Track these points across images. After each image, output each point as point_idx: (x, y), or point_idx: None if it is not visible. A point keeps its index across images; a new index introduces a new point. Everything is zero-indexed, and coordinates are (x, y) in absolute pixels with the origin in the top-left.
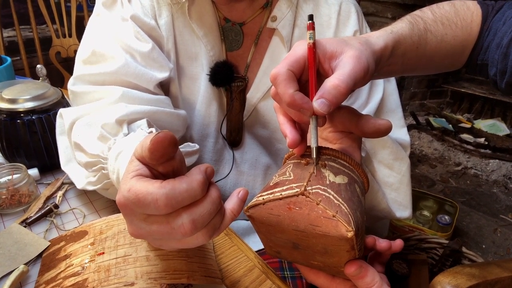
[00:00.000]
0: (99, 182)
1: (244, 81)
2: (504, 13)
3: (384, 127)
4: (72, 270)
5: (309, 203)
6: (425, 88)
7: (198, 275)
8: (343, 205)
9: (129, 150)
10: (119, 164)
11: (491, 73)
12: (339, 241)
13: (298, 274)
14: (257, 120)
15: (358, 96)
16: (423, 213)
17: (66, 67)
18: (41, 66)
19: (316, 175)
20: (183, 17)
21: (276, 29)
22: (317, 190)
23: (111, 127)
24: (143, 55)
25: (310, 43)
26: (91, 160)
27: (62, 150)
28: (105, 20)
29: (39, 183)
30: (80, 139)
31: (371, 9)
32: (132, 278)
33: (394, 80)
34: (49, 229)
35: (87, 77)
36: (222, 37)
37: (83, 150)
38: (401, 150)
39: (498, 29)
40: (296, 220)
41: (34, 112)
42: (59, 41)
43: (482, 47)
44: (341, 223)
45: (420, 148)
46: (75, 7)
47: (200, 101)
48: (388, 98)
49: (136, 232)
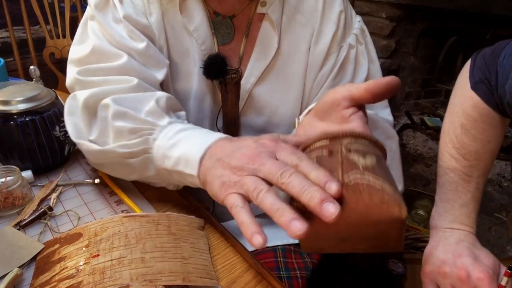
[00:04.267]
0: (137, 146)
1: (238, 73)
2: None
3: (395, 81)
4: (66, 272)
5: (353, 195)
6: (419, 87)
7: (193, 276)
8: (385, 187)
9: (189, 133)
10: (178, 152)
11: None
12: (393, 224)
13: (294, 274)
14: (252, 107)
15: (342, 76)
16: (418, 212)
17: (60, 68)
18: (35, 67)
19: (346, 163)
20: (173, 13)
21: (266, 14)
22: (355, 180)
23: (163, 104)
24: (140, 53)
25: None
26: (138, 126)
27: (72, 128)
28: (99, 22)
29: (33, 186)
30: (126, 109)
31: (366, 9)
32: (127, 280)
33: (378, 62)
34: (43, 231)
35: (94, 72)
36: (213, 31)
37: (130, 117)
38: (390, 128)
39: (505, 71)
40: (345, 215)
41: (28, 113)
42: (53, 42)
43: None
44: (392, 206)
45: (415, 147)
46: (69, 7)
47: (194, 96)
48: (373, 79)
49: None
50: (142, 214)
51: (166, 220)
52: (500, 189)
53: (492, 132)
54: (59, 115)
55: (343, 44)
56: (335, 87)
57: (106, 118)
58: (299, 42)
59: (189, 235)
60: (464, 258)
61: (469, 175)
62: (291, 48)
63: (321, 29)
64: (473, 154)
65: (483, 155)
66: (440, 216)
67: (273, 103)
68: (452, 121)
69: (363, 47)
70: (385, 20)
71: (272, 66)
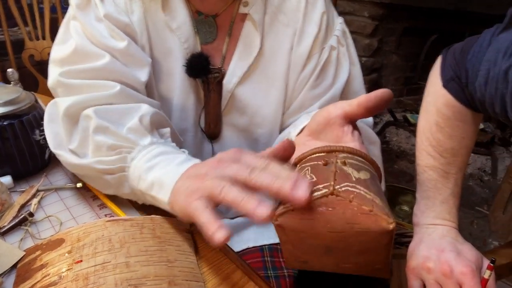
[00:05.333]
0: (114, 164)
1: (221, 72)
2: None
3: (387, 94)
4: (48, 280)
5: (342, 202)
6: (401, 85)
7: (179, 280)
8: (376, 198)
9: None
10: (153, 178)
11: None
12: (380, 236)
13: (282, 273)
14: (234, 107)
15: (324, 77)
16: (402, 207)
17: (40, 70)
18: (12, 70)
19: (340, 173)
20: (155, 11)
21: (248, 14)
22: (346, 188)
23: (147, 123)
24: (121, 52)
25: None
26: (118, 143)
27: (51, 136)
28: (81, 22)
29: (12, 191)
30: (107, 124)
31: (348, 8)
32: (111, 285)
33: (359, 64)
34: (24, 238)
35: (76, 74)
36: (196, 30)
37: (110, 133)
38: (373, 134)
39: (474, 68)
40: (331, 221)
41: (6, 117)
42: (32, 43)
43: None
44: (380, 217)
45: (398, 144)
46: (49, 8)
47: (177, 95)
48: (354, 81)
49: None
50: (126, 217)
51: (151, 223)
52: (481, 183)
53: (466, 128)
54: (38, 118)
55: (325, 46)
56: (317, 88)
57: (87, 130)
58: (281, 42)
59: (174, 238)
60: (447, 253)
61: (447, 172)
62: (274, 48)
63: (303, 29)
64: (450, 151)
65: (459, 151)
66: (422, 213)
67: (255, 103)
68: (427, 119)
69: (344, 48)
70: (368, 19)
71: (255, 66)
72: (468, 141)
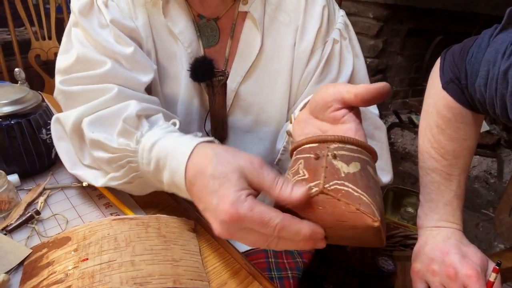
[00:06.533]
0: (126, 176)
1: (225, 75)
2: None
3: (385, 87)
4: (55, 277)
5: (331, 201)
6: (407, 86)
7: (184, 279)
8: (363, 195)
9: (164, 142)
10: (158, 154)
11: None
12: (367, 230)
13: (286, 274)
14: (239, 107)
15: (328, 71)
16: (407, 209)
17: (46, 70)
18: (19, 69)
19: (330, 168)
20: (158, 17)
21: (248, 12)
22: (335, 186)
23: (132, 121)
24: (127, 58)
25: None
26: (115, 156)
27: (64, 155)
28: (84, 29)
29: (19, 190)
30: (99, 136)
31: (353, 9)
32: (117, 283)
33: (362, 56)
34: (30, 236)
35: (76, 80)
36: (198, 34)
37: (104, 147)
38: (377, 119)
39: (474, 70)
40: (323, 218)
41: (13, 116)
42: (39, 43)
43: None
44: (366, 216)
45: (403, 145)
46: (54, 9)
47: (182, 99)
48: (358, 74)
49: (226, 235)
50: (132, 216)
51: (156, 222)
52: (487, 185)
53: (467, 130)
54: (45, 117)
55: (327, 39)
56: (322, 82)
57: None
58: (283, 39)
59: (180, 237)
60: (452, 256)
61: (450, 174)
62: (275, 45)
63: (304, 25)
64: (452, 153)
65: (461, 153)
66: (426, 216)
67: (260, 101)
68: (428, 121)
69: (347, 41)
70: (372, 20)
71: (257, 64)
72: (470, 143)
